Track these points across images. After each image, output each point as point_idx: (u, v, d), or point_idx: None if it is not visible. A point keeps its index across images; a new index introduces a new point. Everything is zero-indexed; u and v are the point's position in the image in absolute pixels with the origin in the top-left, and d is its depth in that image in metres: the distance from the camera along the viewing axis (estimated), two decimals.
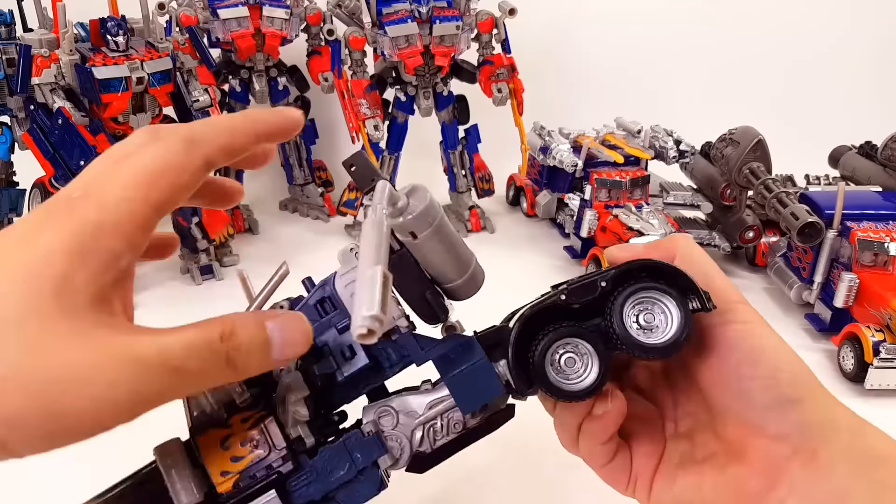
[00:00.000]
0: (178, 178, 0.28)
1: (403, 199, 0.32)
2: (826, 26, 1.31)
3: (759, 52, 1.31)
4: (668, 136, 0.94)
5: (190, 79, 0.85)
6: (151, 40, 0.80)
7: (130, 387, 0.25)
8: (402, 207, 0.32)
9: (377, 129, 0.95)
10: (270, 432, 0.35)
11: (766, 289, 0.89)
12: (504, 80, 0.97)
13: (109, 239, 0.26)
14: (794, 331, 0.79)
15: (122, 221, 0.27)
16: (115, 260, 0.27)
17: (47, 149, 0.75)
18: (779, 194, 0.80)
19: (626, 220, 0.84)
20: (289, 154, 1.08)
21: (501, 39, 0.97)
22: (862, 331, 0.68)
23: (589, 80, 1.30)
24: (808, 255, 0.79)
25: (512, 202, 1.13)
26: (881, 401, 0.67)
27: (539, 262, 0.95)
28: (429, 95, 0.98)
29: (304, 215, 1.08)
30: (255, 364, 0.29)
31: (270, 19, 0.94)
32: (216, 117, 0.33)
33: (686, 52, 1.31)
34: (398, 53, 0.91)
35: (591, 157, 0.93)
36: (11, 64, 0.77)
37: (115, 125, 0.79)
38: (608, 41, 1.30)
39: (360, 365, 0.36)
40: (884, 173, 0.94)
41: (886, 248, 0.72)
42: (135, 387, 0.25)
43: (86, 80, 0.74)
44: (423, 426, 0.37)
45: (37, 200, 0.82)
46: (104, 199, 0.27)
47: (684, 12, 1.31)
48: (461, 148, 1.04)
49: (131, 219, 0.27)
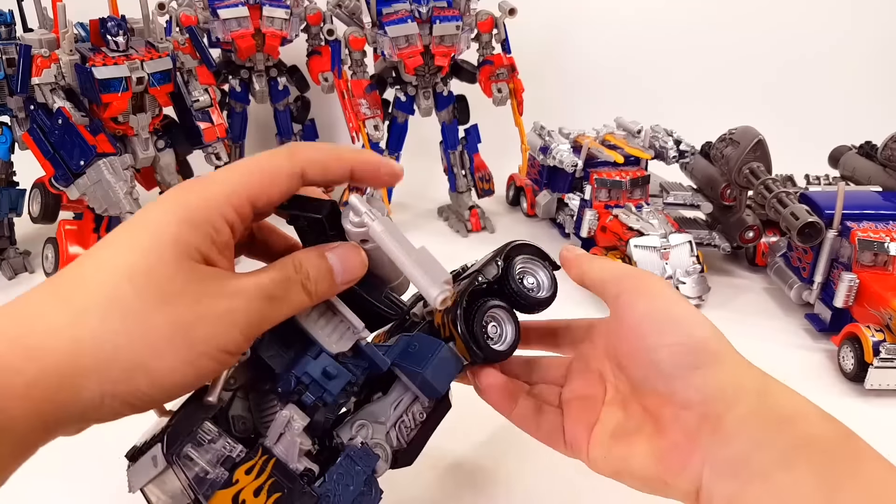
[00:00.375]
0: (274, 178, 0.34)
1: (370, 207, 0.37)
2: (826, 26, 1.31)
3: (759, 51, 1.31)
4: (668, 136, 0.94)
5: (190, 79, 0.85)
6: (151, 40, 0.80)
7: (242, 314, 0.32)
8: None
9: (377, 129, 0.95)
10: (280, 473, 0.36)
11: (766, 289, 0.89)
12: (504, 80, 0.97)
13: (211, 213, 0.32)
14: (794, 331, 0.79)
15: (220, 204, 0.33)
16: (217, 233, 0.32)
17: (47, 149, 0.75)
18: (779, 194, 0.80)
19: (626, 220, 0.84)
20: None
21: (501, 39, 0.97)
22: (862, 331, 0.68)
23: (589, 80, 1.30)
24: (808, 255, 0.79)
25: (512, 202, 1.13)
26: (881, 401, 0.67)
27: None
28: (429, 95, 0.98)
29: None
30: (324, 288, 0.35)
31: (270, 19, 0.94)
32: (326, 144, 0.38)
33: (686, 51, 1.31)
34: (398, 53, 0.91)
35: (591, 157, 0.93)
36: (11, 64, 0.77)
37: (115, 125, 0.79)
38: (608, 41, 1.30)
39: (344, 382, 0.38)
40: (884, 173, 0.94)
41: (886, 248, 0.72)
42: (245, 314, 0.32)
43: (86, 80, 0.74)
44: (395, 426, 0.40)
45: (37, 200, 0.82)
46: (210, 184, 0.33)
47: (684, 12, 1.31)
48: (461, 148, 1.04)
49: (228, 201, 0.33)
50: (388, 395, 0.41)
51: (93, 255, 0.32)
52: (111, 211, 0.75)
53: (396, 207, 1.02)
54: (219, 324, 0.31)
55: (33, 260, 0.91)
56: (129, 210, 0.74)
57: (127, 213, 0.74)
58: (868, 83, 1.33)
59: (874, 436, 0.65)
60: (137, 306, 0.30)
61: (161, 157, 0.84)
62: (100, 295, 0.30)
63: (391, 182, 0.38)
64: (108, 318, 0.30)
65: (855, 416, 0.65)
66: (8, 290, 0.87)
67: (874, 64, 1.33)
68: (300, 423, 0.36)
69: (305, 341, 0.38)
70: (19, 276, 0.89)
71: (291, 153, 0.35)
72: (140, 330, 0.30)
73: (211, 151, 0.86)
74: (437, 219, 1.09)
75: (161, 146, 0.83)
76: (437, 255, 0.37)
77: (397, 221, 1.01)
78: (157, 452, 0.34)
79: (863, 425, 0.65)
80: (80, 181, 0.74)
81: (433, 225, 1.08)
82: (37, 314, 0.30)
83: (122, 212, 0.74)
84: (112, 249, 0.32)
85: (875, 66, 1.33)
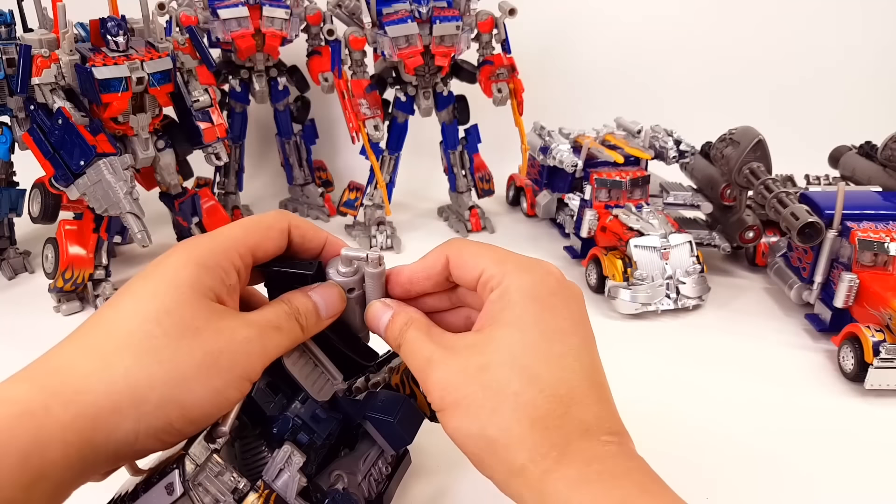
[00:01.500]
0: (267, 229, 0.40)
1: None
2: (826, 26, 1.31)
3: (759, 52, 1.31)
4: (668, 136, 0.94)
5: (190, 79, 0.85)
6: (151, 40, 0.80)
7: (258, 343, 0.36)
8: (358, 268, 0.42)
9: (377, 129, 0.95)
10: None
11: (766, 289, 0.89)
12: (504, 80, 0.97)
13: (221, 259, 0.37)
14: (795, 331, 0.79)
15: (228, 250, 0.38)
16: (226, 276, 0.37)
17: (47, 149, 0.75)
18: (779, 194, 0.80)
19: (626, 221, 0.84)
20: (289, 154, 1.08)
21: (501, 39, 0.97)
22: (862, 331, 0.68)
23: (589, 80, 1.30)
24: (808, 255, 0.79)
25: (512, 202, 1.13)
26: (881, 401, 0.67)
27: None
28: (429, 95, 0.98)
29: (304, 215, 1.08)
30: (312, 322, 0.40)
31: (270, 19, 0.94)
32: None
33: (686, 51, 1.31)
34: (398, 53, 0.91)
35: (591, 158, 0.93)
36: (11, 64, 0.77)
37: (115, 125, 0.79)
38: (608, 41, 1.30)
39: (330, 426, 0.41)
40: (884, 173, 0.94)
41: (886, 248, 0.72)
42: (260, 342, 0.36)
43: (86, 81, 0.74)
44: (365, 478, 0.44)
45: (37, 200, 0.82)
46: (217, 236, 0.39)
47: (684, 12, 1.31)
48: (461, 148, 1.04)
49: (235, 248, 0.38)
50: (356, 450, 0.45)
51: (113, 305, 0.35)
52: (111, 211, 0.75)
53: (396, 207, 1.02)
54: (240, 352, 0.35)
55: (33, 260, 0.91)
56: (129, 210, 0.74)
57: (127, 212, 0.74)
58: (868, 83, 1.33)
59: (874, 436, 0.65)
60: (167, 344, 0.33)
61: (161, 157, 0.84)
62: (130, 339, 0.33)
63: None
64: (141, 359, 0.32)
65: (855, 416, 0.66)
66: (8, 290, 0.87)
67: (874, 64, 1.33)
68: (300, 459, 0.38)
69: (293, 388, 0.42)
70: (19, 276, 0.90)
71: (282, 216, 0.41)
72: (171, 365, 0.33)
73: (211, 151, 0.86)
74: (437, 219, 1.09)
75: (161, 146, 0.83)
76: None
77: (398, 221, 1.02)
78: (173, 479, 0.36)
79: (863, 425, 0.65)
80: (80, 181, 0.74)
81: (433, 225, 1.08)
82: (68, 366, 0.32)
83: (123, 212, 0.74)
84: (133, 298, 0.35)
85: (875, 67, 1.33)
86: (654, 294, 0.80)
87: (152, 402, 0.32)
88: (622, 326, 0.80)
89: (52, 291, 0.81)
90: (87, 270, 0.81)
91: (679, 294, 0.81)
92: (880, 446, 0.62)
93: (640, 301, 0.80)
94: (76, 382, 0.31)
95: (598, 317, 0.82)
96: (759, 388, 0.69)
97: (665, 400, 0.67)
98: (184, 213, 0.87)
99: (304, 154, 1.09)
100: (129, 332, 0.33)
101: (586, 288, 0.87)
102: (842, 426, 0.64)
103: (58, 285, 0.80)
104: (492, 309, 0.37)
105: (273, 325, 0.37)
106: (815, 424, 0.64)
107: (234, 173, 1.05)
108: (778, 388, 0.69)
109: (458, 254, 0.40)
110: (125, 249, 0.96)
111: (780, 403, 0.67)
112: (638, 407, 0.66)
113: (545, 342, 0.36)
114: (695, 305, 0.82)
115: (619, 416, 0.37)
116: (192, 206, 0.87)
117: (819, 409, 0.66)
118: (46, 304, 0.82)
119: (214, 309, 0.35)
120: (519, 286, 0.37)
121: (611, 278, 0.82)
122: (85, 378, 0.31)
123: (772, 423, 0.64)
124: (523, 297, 0.37)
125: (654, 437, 0.61)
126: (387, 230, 0.98)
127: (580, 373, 0.36)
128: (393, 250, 0.97)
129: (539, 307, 0.37)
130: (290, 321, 0.39)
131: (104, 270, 0.83)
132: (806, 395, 0.68)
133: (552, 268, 0.39)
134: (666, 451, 0.60)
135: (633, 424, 0.47)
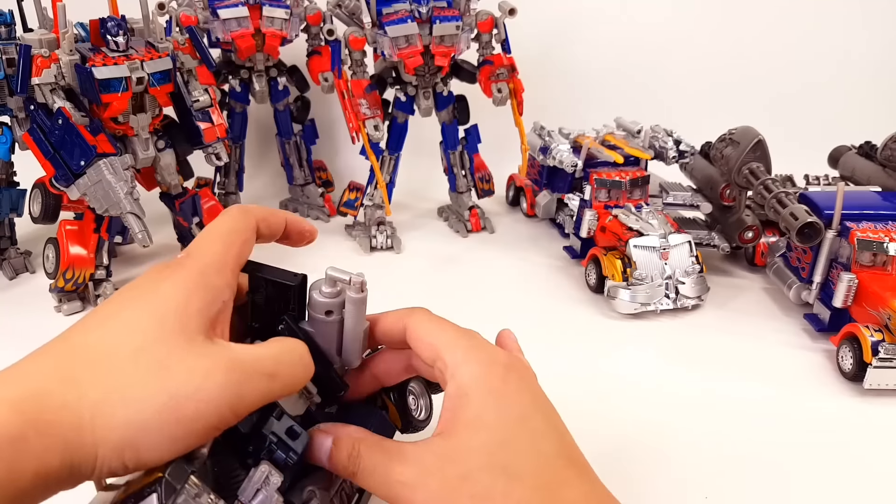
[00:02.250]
0: (243, 234, 0.39)
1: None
2: (826, 26, 1.31)
3: (758, 52, 1.31)
4: (667, 136, 0.95)
5: (190, 79, 0.85)
6: (151, 40, 0.80)
7: (235, 388, 0.33)
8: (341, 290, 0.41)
9: (377, 129, 0.95)
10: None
11: (765, 289, 0.89)
12: (504, 80, 0.97)
13: (212, 278, 0.35)
14: (794, 331, 0.79)
15: (218, 266, 0.36)
16: (219, 294, 0.35)
17: (47, 149, 0.75)
18: (778, 194, 0.80)
19: (626, 221, 0.84)
20: (289, 154, 1.08)
21: (501, 39, 0.97)
22: (861, 331, 0.68)
23: (589, 81, 1.30)
24: (807, 255, 0.79)
25: (512, 202, 1.13)
26: (880, 400, 0.67)
27: (539, 262, 0.96)
28: (429, 95, 0.98)
29: (305, 215, 1.08)
30: (299, 377, 0.38)
31: (270, 19, 0.94)
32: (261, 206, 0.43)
33: (686, 52, 1.31)
34: (398, 53, 0.92)
35: (590, 158, 0.93)
36: (11, 64, 0.77)
37: (115, 125, 0.79)
38: (608, 41, 1.30)
39: (306, 442, 0.39)
40: (883, 173, 0.94)
41: (886, 249, 0.72)
42: (237, 388, 0.33)
43: (86, 81, 0.74)
44: (337, 493, 0.43)
45: (37, 200, 0.82)
46: (202, 254, 0.36)
47: (684, 12, 1.31)
48: (461, 148, 1.04)
49: (224, 264, 0.36)
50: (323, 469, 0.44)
51: (100, 325, 0.33)
52: (112, 211, 0.75)
53: (396, 207, 1.02)
54: (210, 400, 0.32)
55: (34, 260, 0.91)
56: (130, 210, 0.74)
57: (128, 212, 0.74)
58: (868, 83, 1.33)
59: (873, 436, 0.65)
60: (135, 382, 0.31)
61: (161, 157, 0.84)
62: (103, 371, 0.31)
63: (311, 239, 0.44)
64: (110, 395, 0.31)
65: (854, 416, 0.66)
66: (9, 290, 0.87)
67: (873, 64, 1.33)
68: (277, 479, 0.37)
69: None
70: (20, 276, 0.90)
71: (246, 212, 0.40)
72: (134, 407, 0.31)
73: (211, 151, 0.86)
74: (437, 219, 1.09)
75: (161, 146, 0.83)
76: (437, 256, 0.38)
77: (398, 222, 1.02)
78: (153, 501, 0.34)
79: (862, 425, 0.65)
80: (81, 181, 0.74)
81: (433, 225, 1.08)
82: (46, 392, 0.30)
83: (123, 212, 0.74)
84: (117, 323, 0.33)
85: (875, 67, 1.33)
86: (653, 294, 0.80)
87: (111, 442, 0.30)
88: (621, 326, 0.80)
89: (52, 291, 0.81)
90: (88, 270, 0.81)
91: (678, 294, 0.81)
92: (879, 446, 0.62)
93: (640, 301, 0.80)
94: (51, 415, 0.30)
95: (597, 317, 0.82)
96: (757, 387, 0.69)
97: (664, 400, 0.67)
98: (184, 213, 0.87)
99: (304, 154, 1.09)
100: (106, 364, 0.31)
101: (586, 288, 0.87)
102: (841, 426, 0.64)
103: (59, 285, 0.80)
104: (452, 406, 0.37)
105: (263, 371, 0.34)
106: (813, 424, 0.64)
107: (235, 173, 1.05)
108: (777, 387, 0.69)
109: (415, 328, 0.41)
110: (126, 249, 0.96)
111: (779, 403, 0.67)
112: (637, 407, 0.66)
113: (514, 435, 0.36)
114: (694, 305, 0.82)
115: (601, 483, 0.38)
116: (193, 207, 0.88)
117: (818, 408, 0.67)
118: (47, 305, 0.82)
119: (194, 343, 0.33)
120: (472, 378, 0.38)
121: (610, 278, 0.82)
122: (60, 410, 0.30)
123: (771, 422, 0.64)
124: (479, 390, 0.37)
125: (654, 436, 0.61)
126: (387, 230, 0.98)
127: (555, 454, 0.36)
128: (393, 250, 0.97)
129: (496, 399, 0.37)
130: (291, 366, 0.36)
131: (105, 270, 0.83)
132: (805, 394, 0.69)
133: (498, 353, 0.40)
134: (665, 450, 0.60)
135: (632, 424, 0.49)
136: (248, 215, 0.40)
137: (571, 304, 0.85)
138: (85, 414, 0.30)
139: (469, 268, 0.95)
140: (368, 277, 0.41)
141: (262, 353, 0.35)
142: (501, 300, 0.85)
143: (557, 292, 0.87)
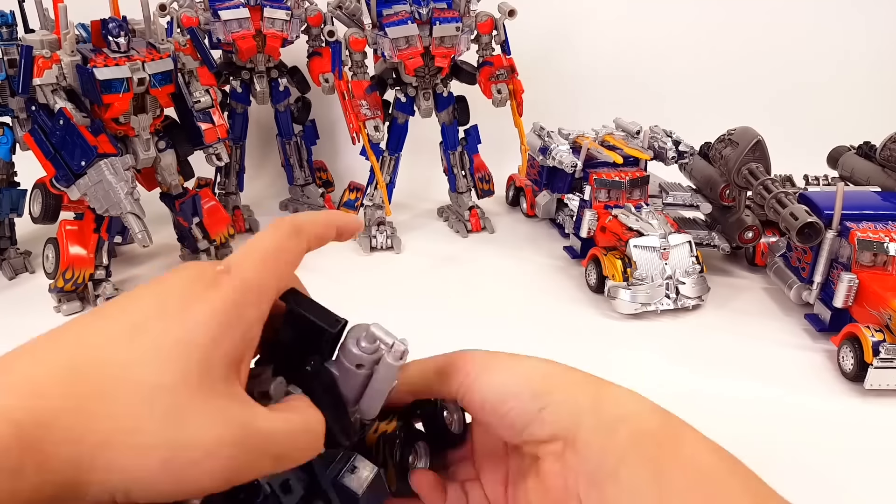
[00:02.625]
0: (291, 257, 0.34)
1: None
2: (825, 27, 1.32)
3: (758, 52, 1.31)
4: (667, 136, 0.95)
5: (191, 80, 0.85)
6: (153, 41, 0.80)
7: (240, 463, 0.30)
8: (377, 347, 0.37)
9: (377, 129, 0.95)
10: None
11: (765, 289, 0.89)
12: (504, 80, 0.97)
13: (247, 310, 0.31)
14: (794, 331, 0.79)
15: (256, 293, 0.32)
16: (251, 329, 0.31)
17: (48, 149, 0.75)
18: (778, 195, 0.80)
19: (626, 221, 0.85)
20: (289, 154, 1.08)
21: (501, 41, 0.97)
22: (861, 331, 0.68)
23: (588, 81, 1.30)
24: (807, 255, 0.79)
25: (512, 202, 1.14)
26: (881, 400, 0.67)
27: (539, 262, 0.96)
28: (429, 96, 0.98)
29: None
30: (306, 458, 0.35)
31: (271, 20, 0.94)
32: (315, 213, 0.38)
33: (685, 52, 1.31)
34: (398, 55, 0.92)
35: (590, 158, 0.93)
36: (13, 65, 0.77)
37: (116, 126, 0.79)
38: (608, 42, 1.30)
39: (299, 496, 0.38)
40: (882, 173, 0.94)
41: (886, 249, 0.72)
42: (242, 463, 0.30)
43: (87, 81, 0.74)
44: None
45: (38, 201, 0.82)
46: (244, 275, 0.31)
47: (684, 13, 1.31)
48: (461, 149, 1.04)
49: (265, 292, 0.32)
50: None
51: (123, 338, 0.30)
52: (112, 211, 0.75)
53: (396, 208, 1.02)
54: (213, 473, 0.29)
55: (34, 260, 0.91)
56: (130, 210, 0.74)
57: (128, 213, 0.74)
58: (867, 83, 1.33)
59: (874, 435, 0.65)
60: (147, 427, 0.29)
61: (162, 157, 0.84)
62: (115, 406, 0.29)
63: (352, 236, 0.40)
64: (114, 439, 0.28)
65: (854, 416, 0.66)
66: (9, 290, 0.87)
67: (873, 64, 1.34)
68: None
69: None
70: (20, 276, 0.90)
71: (298, 232, 0.35)
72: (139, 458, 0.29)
73: (212, 152, 0.86)
74: (437, 219, 1.10)
75: (162, 147, 0.84)
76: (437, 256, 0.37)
77: (398, 222, 1.02)
78: None
79: (862, 425, 0.65)
80: (82, 181, 0.74)
81: (433, 225, 1.08)
82: (51, 421, 0.28)
83: (123, 212, 0.74)
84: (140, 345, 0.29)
85: (874, 67, 1.34)
86: (653, 294, 0.80)
87: (106, 483, 0.29)
88: (622, 326, 0.80)
89: (52, 291, 0.81)
90: (88, 270, 0.81)
91: (678, 294, 0.81)
92: (880, 446, 0.62)
93: (640, 301, 0.80)
94: (52, 447, 0.28)
95: (597, 317, 0.82)
96: (758, 388, 0.69)
97: (664, 400, 0.67)
98: (184, 213, 0.88)
99: (304, 154, 1.09)
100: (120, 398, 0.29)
101: (586, 288, 0.87)
102: (841, 426, 0.64)
103: (58, 285, 0.80)
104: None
105: (274, 453, 0.31)
106: (814, 424, 0.64)
107: (235, 174, 1.06)
108: (777, 387, 0.69)
109: (477, 375, 0.38)
110: (126, 249, 0.96)
111: (779, 403, 0.67)
112: None
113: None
114: (694, 305, 0.82)
115: None
116: (193, 207, 0.88)
117: (818, 408, 0.67)
118: (47, 305, 0.82)
119: (214, 394, 0.30)
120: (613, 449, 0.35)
121: (610, 278, 0.82)
122: (62, 444, 0.28)
123: (771, 422, 0.64)
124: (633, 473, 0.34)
125: None
126: (387, 230, 0.98)
127: None
128: (393, 250, 0.97)
129: (654, 468, 0.34)
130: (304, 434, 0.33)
131: (105, 270, 0.83)
132: (805, 394, 0.69)
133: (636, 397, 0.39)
134: None
135: None
136: (299, 237, 0.35)
137: (572, 305, 0.85)
138: (86, 451, 0.29)
139: (469, 268, 0.95)
140: (368, 277, 0.41)
141: (278, 430, 0.31)
142: (501, 300, 0.85)
143: (558, 292, 0.87)
